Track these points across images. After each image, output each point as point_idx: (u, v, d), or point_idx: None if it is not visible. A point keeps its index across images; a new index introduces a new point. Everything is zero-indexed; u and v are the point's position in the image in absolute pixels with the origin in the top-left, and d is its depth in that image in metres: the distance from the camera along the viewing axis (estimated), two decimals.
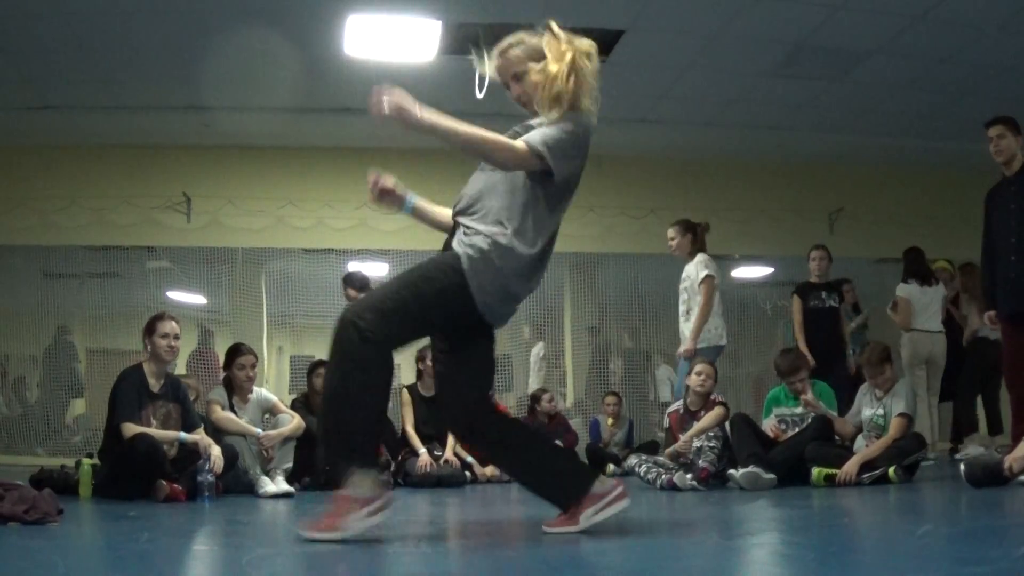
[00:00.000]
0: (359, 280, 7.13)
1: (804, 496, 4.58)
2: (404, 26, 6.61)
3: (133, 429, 4.66)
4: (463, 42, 4.41)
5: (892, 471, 4.94)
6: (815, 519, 3.69)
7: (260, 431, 5.39)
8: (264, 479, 5.16)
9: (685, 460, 5.42)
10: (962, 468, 4.47)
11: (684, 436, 5.51)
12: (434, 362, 3.18)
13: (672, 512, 4.06)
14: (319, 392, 6.18)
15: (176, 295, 9.57)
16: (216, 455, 4.76)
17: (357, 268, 7.60)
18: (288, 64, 7.07)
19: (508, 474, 3.59)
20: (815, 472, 5.03)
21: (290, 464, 5.45)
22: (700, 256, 6.30)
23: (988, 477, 4.28)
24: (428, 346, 6.77)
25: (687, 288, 6.29)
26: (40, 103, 7.74)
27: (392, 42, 6.78)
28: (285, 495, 5.08)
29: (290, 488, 5.21)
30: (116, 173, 8.76)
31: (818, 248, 7.29)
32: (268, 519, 3.99)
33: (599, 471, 3.27)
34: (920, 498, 4.49)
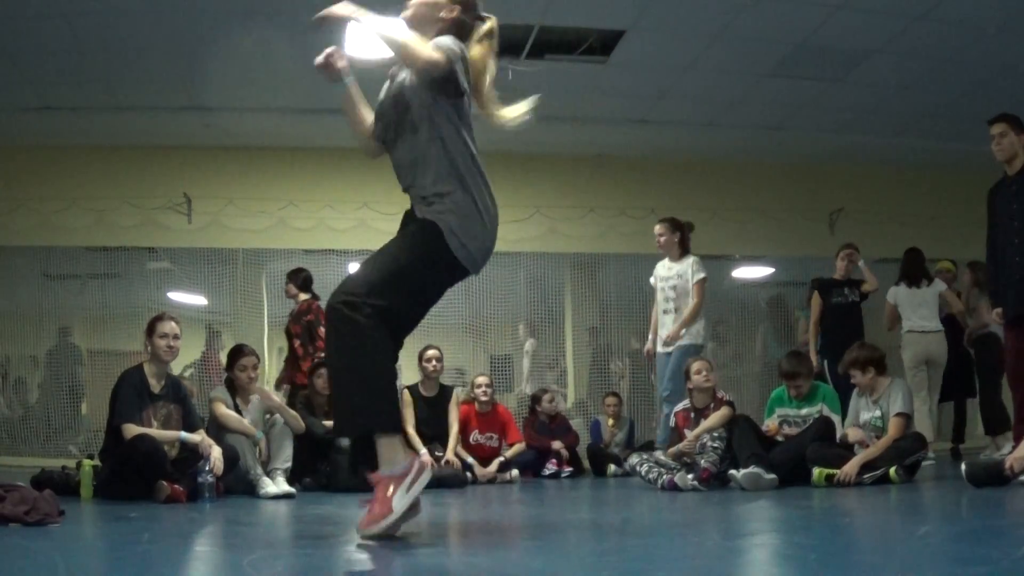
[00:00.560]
0: (304, 278, 7.20)
1: (805, 496, 4.57)
2: (405, 26, 6.60)
3: (134, 430, 4.66)
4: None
5: (893, 471, 4.95)
6: (816, 519, 3.69)
7: (260, 433, 5.40)
8: (265, 480, 5.16)
9: (688, 460, 5.43)
10: (963, 468, 4.47)
11: (690, 434, 5.51)
12: None
13: (673, 512, 4.06)
14: (320, 392, 6.19)
15: (177, 296, 9.57)
16: (216, 456, 4.76)
17: (302, 266, 7.67)
18: (289, 64, 7.06)
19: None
20: (816, 473, 5.03)
21: (289, 464, 5.45)
22: (693, 257, 6.39)
23: (989, 477, 4.29)
24: (429, 346, 6.86)
25: (676, 287, 6.32)
26: (41, 104, 7.75)
27: None
28: (286, 496, 5.08)
29: (291, 489, 5.21)
30: (117, 174, 8.76)
31: (848, 247, 7.32)
32: (269, 520, 3.99)
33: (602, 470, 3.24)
34: (921, 498, 4.49)
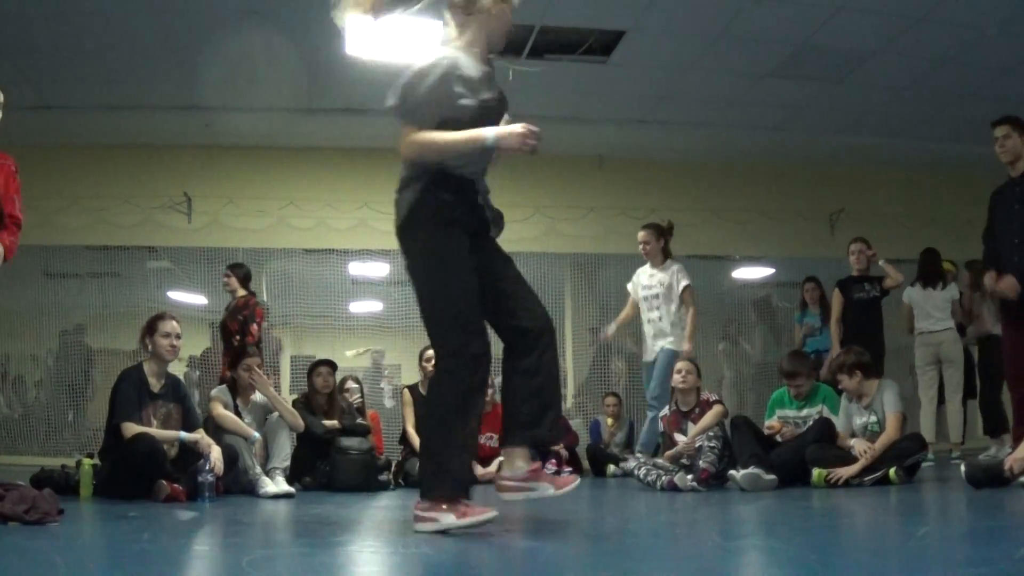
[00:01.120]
0: (245, 274, 7.24)
1: (805, 497, 4.57)
2: (405, 26, 6.60)
3: (133, 429, 4.66)
4: None
5: (893, 472, 4.94)
6: (816, 520, 3.69)
7: (257, 435, 5.39)
8: (264, 479, 5.16)
9: (685, 461, 5.42)
10: (963, 469, 4.47)
11: (686, 437, 5.51)
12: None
13: (673, 513, 4.06)
14: (319, 391, 6.20)
15: (177, 295, 9.56)
16: (216, 456, 4.75)
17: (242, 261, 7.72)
18: (289, 64, 7.06)
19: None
20: (816, 473, 5.03)
21: (288, 463, 5.45)
22: (676, 264, 6.30)
23: (989, 478, 4.29)
24: (429, 346, 6.86)
25: (659, 295, 6.23)
26: (41, 103, 7.74)
27: (393, 42, 6.77)
28: (285, 495, 5.07)
29: (290, 488, 5.21)
30: (117, 173, 8.75)
31: (857, 241, 7.08)
32: (268, 519, 3.99)
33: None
34: (921, 499, 4.49)
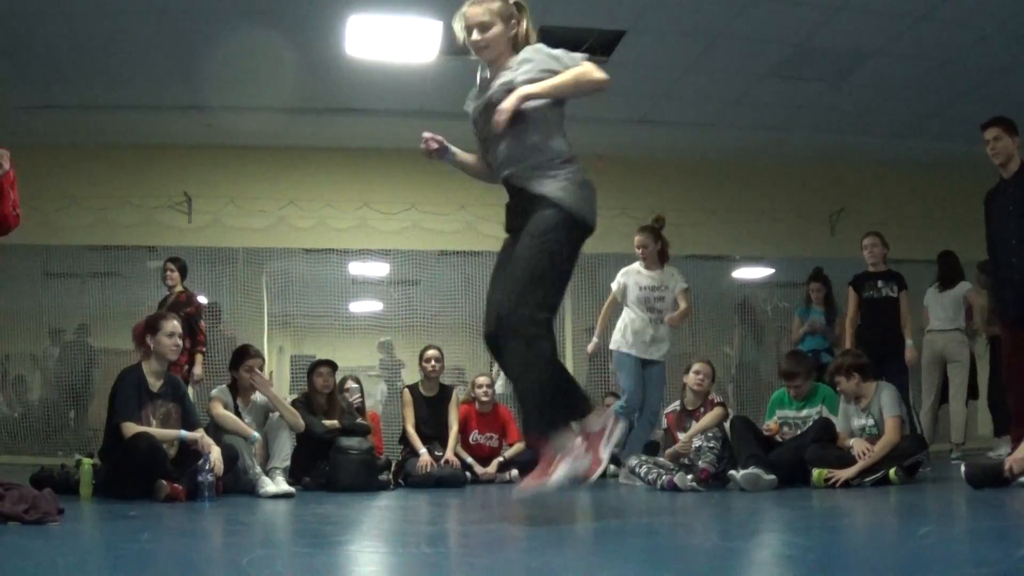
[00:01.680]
0: (183, 267, 7.24)
1: (805, 497, 4.57)
2: (405, 26, 6.61)
3: (133, 428, 4.66)
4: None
5: (893, 472, 4.95)
6: (816, 520, 3.69)
7: (257, 435, 5.39)
8: (264, 479, 5.16)
9: (685, 461, 5.43)
10: (963, 469, 4.47)
11: (684, 436, 5.52)
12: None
13: (672, 513, 4.06)
14: (319, 391, 6.19)
15: None
16: (216, 456, 4.75)
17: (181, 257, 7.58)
18: (289, 64, 7.07)
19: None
20: (815, 474, 5.03)
21: (288, 463, 5.45)
22: (672, 268, 6.20)
23: (988, 478, 4.29)
24: (429, 346, 6.86)
25: (663, 298, 6.05)
26: (41, 102, 7.75)
27: (393, 42, 6.78)
28: (285, 495, 5.07)
29: (291, 488, 5.20)
30: (117, 173, 8.76)
31: (870, 235, 6.78)
32: (268, 519, 3.99)
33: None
34: (921, 499, 4.48)
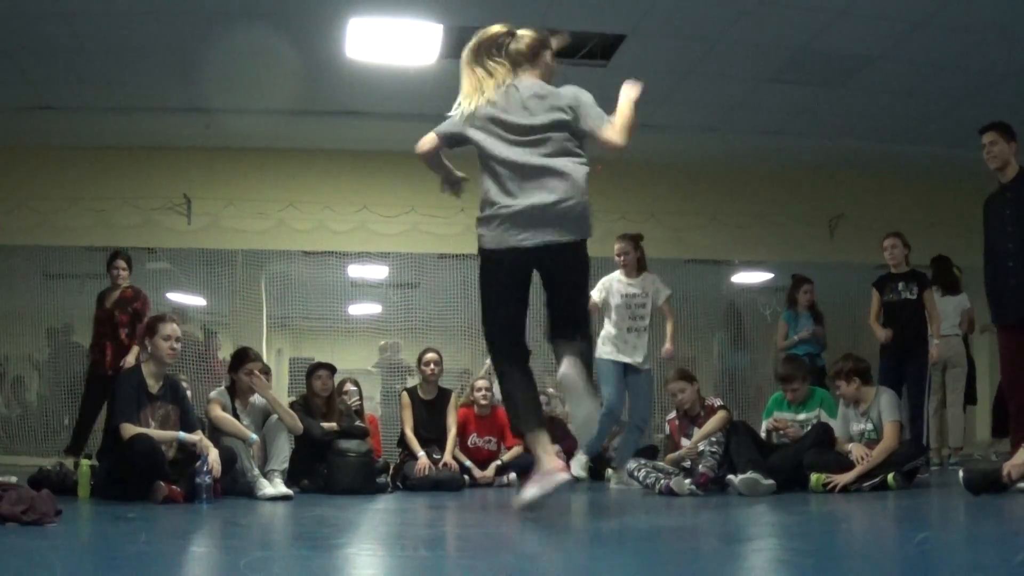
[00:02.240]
0: (130, 261, 7.21)
1: (803, 502, 4.58)
2: (405, 29, 6.62)
3: (132, 430, 4.66)
4: (463, 46, 4.43)
5: (891, 477, 4.95)
6: (814, 525, 3.69)
7: (255, 436, 5.38)
8: (262, 481, 5.15)
9: (685, 465, 5.44)
10: (961, 475, 4.47)
11: (689, 441, 5.53)
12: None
13: (671, 517, 4.06)
14: (318, 394, 6.19)
15: (176, 297, 9.56)
16: (214, 458, 4.75)
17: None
18: (289, 66, 7.07)
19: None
20: (814, 478, 5.04)
21: (287, 466, 5.44)
22: (653, 275, 6.24)
23: (987, 484, 4.29)
24: (428, 349, 6.86)
25: (644, 305, 6.11)
26: (41, 104, 7.75)
27: (393, 45, 6.79)
28: (284, 498, 5.07)
29: (288, 491, 5.19)
30: (117, 174, 8.77)
31: (890, 236, 6.64)
32: (266, 521, 3.99)
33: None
34: (919, 504, 4.48)
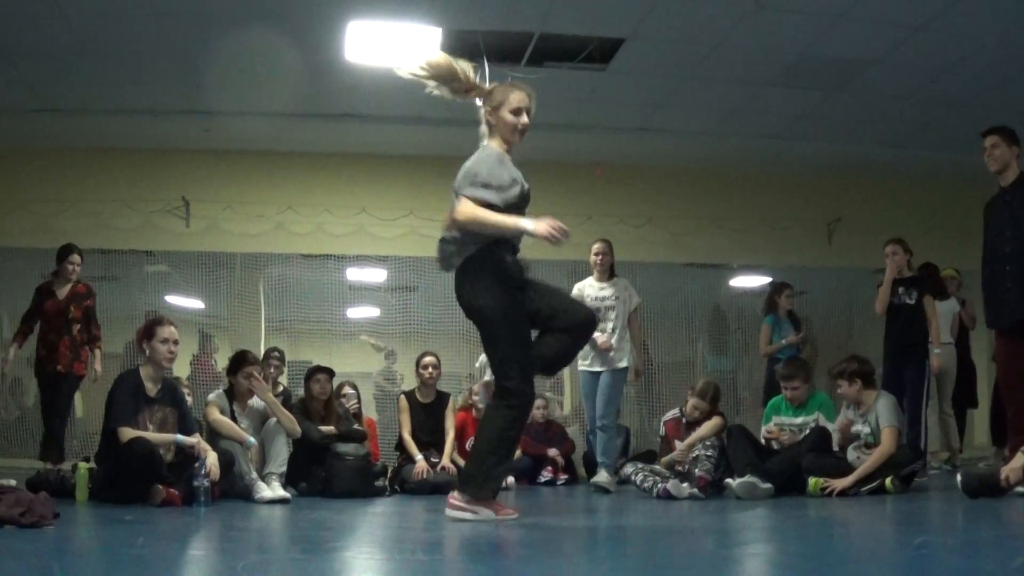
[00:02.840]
0: (81, 252, 7.25)
1: (801, 506, 4.58)
2: (404, 33, 6.63)
3: (130, 433, 4.65)
4: (463, 49, 4.43)
5: (889, 481, 4.95)
6: (811, 529, 3.69)
7: (253, 439, 5.38)
8: (260, 484, 5.15)
9: (681, 469, 5.44)
10: (959, 479, 4.47)
11: (682, 445, 5.54)
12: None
13: (668, 521, 4.06)
14: (316, 397, 6.19)
15: (174, 300, 9.55)
16: (212, 461, 4.75)
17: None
18: (288, 69, 7.07)
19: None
20: (812, 482, 5.04)
21: (284, 469, 5.44)
22: (623, 280, 6.42)
23: (984, 488, 4.29)
24: (426, 352, 6.87)
25: (613, 308, 6.25)
26: (40, 106, 7.75)
27: (392, 48, 6.79)
28: (281, 501, 5.07)
29: (286, 494, 5.19)
30: (115, 177, 8.75)
31: (891, 243, 6.70)
32: (264, 525, 3.99)
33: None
34: (916, 509, 4.49)
